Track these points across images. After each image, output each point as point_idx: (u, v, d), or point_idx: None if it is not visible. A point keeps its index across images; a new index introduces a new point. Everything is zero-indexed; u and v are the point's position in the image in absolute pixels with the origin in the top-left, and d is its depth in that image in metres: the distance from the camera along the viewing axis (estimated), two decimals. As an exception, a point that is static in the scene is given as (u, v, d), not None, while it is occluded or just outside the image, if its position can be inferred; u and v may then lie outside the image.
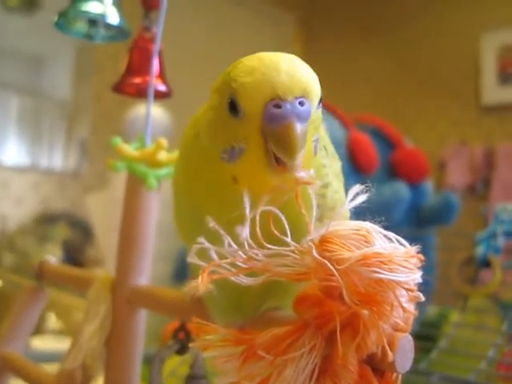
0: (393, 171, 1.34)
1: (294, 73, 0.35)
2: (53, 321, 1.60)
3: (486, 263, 0.91)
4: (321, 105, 0.38)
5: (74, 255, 2.69)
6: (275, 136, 0.34)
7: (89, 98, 3.34)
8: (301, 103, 0.35)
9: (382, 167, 1.31)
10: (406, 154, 1.37)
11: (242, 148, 0.36)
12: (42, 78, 3.44)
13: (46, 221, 2.96)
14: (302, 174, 0.34)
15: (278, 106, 0.34)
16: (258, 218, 0.33)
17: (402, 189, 1.27)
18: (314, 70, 0.38)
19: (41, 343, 1.39)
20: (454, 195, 1.34)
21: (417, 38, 3.68)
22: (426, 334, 0.99)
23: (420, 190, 1.34)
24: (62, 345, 1.20)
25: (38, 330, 1.52)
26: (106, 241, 1.74)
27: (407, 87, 3.71)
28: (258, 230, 0.33)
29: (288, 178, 0.35)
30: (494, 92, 3.27)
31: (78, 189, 3.24)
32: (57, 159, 3.32)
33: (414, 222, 1.29)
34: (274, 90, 0.35)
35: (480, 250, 0.91)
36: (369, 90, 3.86)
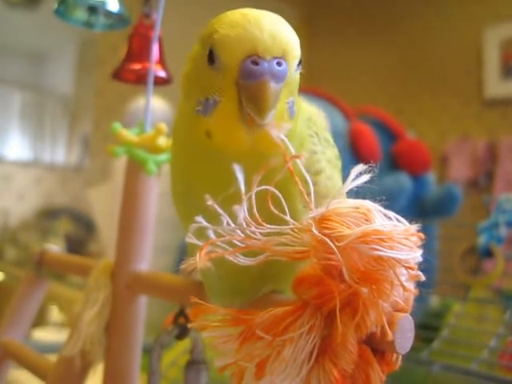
0: (395, 162, 1.33)
1: (275, 33, 0.36)
2: (55, 313, 1.61)
3: (488, 253, 0.90)
4: (300, 68, 0.39)
5: (76, 249, 2.70)
6: (249, 92, 0.35)
7: (91, 93, 3.34)
8: (278, 63, 0.35)
9: (384, 158, 1.31)
10: (408, 145, 1.37)
11: (216, 100, 0.36)
12: (44, 73, 3.45)
13: (48, 215, 2.97)
14: (274, 132, 0.34)
15: (256, 63, 0.35)
16: (253, 198, 0.33)
17: (403, 180, 1.27)
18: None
19: (43, 335, 1.39)
20: (456, 186, 1.34)
21: (420, 33, 3.67)
22: (428, 324, 0.98)
23: (422, 181, 1.34)
24: (64, 336, 1.20)
25: (41, 322, 1.53)
26: (108, 235, 1.74)
27: (410, 81, 3.70)
28: (255, 210, 0.33)
29: (261, 135, 0.35)
30: (496, 85, 3.26)
31: (80, 183, 3.24)
32: (59, 154, 3.33)
33: (417, 213, 1.29)
34: (254, 46, 0.35)
35: (482, 240, 0.90)
36: (371, 84, 3.85)
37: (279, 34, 0.36)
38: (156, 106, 1.69)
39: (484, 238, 0.91)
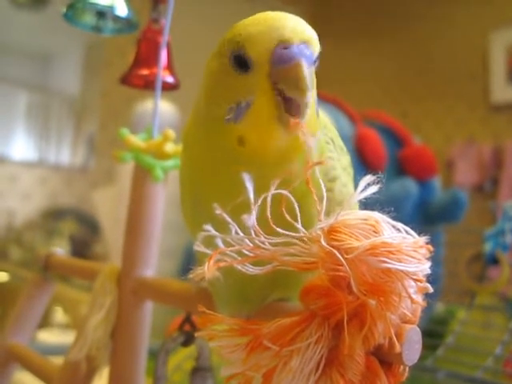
0: (401, 168, 1.33)
1: (299, 23, 0.37)
2: (60, 314, 1.61)
3: (493, 260, 0.90)
4: (316, 64, 0.39)
5: (81, 250, 2.70)
6: (285, 76, 0.35)
7: (97, 95, 3.35)
8: (306, 48, 0.36)
9: (391, 164, 1.31)
10: (415, 150, 1.36)
11: (249, 101, 0.37)
12: (50, 74, 3.46)
13: (53, 216, 2.98)
14: (308, 137, 0.35)
15: (286, 48, 0.36)
16: (269, 202, 0.33)
17: (409, 185, 1.26)
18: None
19: (48, 336, 1.40)
20: (462, 192, 1.33)
21: (425, 37, 3.67)
22: (433, 331, 0.98)
23: (428, 186, 1.34)
24: (68, 338, 1.20)
25: (45, 323, 1.53)
26: (113, 236, 1.74)
27: (415, 86, 3.69)
28: (268, 215, 0.33)
29: (294, 136, 0.36)
30: (503, 90, 3.25)
31: (85, 184, 3.25)
32: (64, 154, 3.34)
33: (422, 219, 1.28)
34: (282, 34, 0.36)
35: (488, 247, 0.90)
36: (377, 88, 3.85)
37: (302, 24, 0.37)
38: (163, 109, 1.69)
39: (490, 245, 0.90)
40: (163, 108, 1.71)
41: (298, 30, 0.36)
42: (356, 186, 0.35)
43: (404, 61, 3.76)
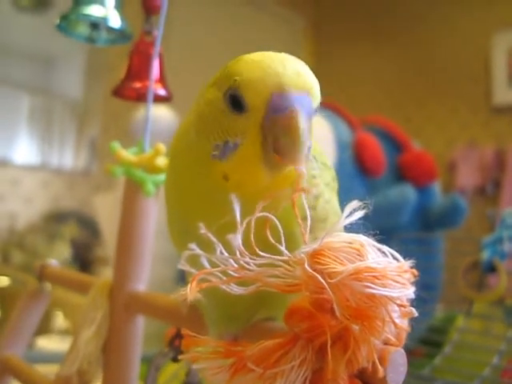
0: (400, 174, 1.33)
1: (299, 70, 0.36)
2: (59, 321, 1.61)
3: (491, 268, 0.90)
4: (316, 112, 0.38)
5: (82, 254, 2.70)
6: (280, 125, 0.34)
7: (99, 98, 3.35)
8: (305, 99, 0.35)
9: (390, 169, 1.30)
10: (414, 156, 1.36)
11: (237, 143, 0.36)
12: (53, 77, 3.46)
13: (55, 219, 2.98)
14: (301, 169, 0.34)
15: (283, 96, 0.34)
16: (252, 225, 0.33)
17: (409, 191, 1.26)
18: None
19: (47, 343, 1.39)
20: (462, 198, 1.33)
21: (427, 40, 3.66)
22: (431, 340, 0.98)
23: (427, 192, 1.33)
24: (67, 345, 1.20)
25: (45, 329, 1.53)
26: (113, 241, 1.74)
27: (417, 89, 3.69)
28: (251, 237, 0.33)
29: (280, 176, 0.35)
30: (504, 93, 3.24)
31: (87, 188, 3.25)
32: (67, 158, 3.34)
33: (421, 225, 1.28)
34: (280, 82, 0.35)
35: (485, 255, 0.90)
36: (378, 91, 3.84)
37: (302, 71, 0.36)
38: (160, 114, 1.69)
39: (487, 253, 0.90)
40: (161, 114, 1.71)
41: (299, 78, 0.35)
42: (352, 193, 0.34)
43: (406, 63, 3.75)
